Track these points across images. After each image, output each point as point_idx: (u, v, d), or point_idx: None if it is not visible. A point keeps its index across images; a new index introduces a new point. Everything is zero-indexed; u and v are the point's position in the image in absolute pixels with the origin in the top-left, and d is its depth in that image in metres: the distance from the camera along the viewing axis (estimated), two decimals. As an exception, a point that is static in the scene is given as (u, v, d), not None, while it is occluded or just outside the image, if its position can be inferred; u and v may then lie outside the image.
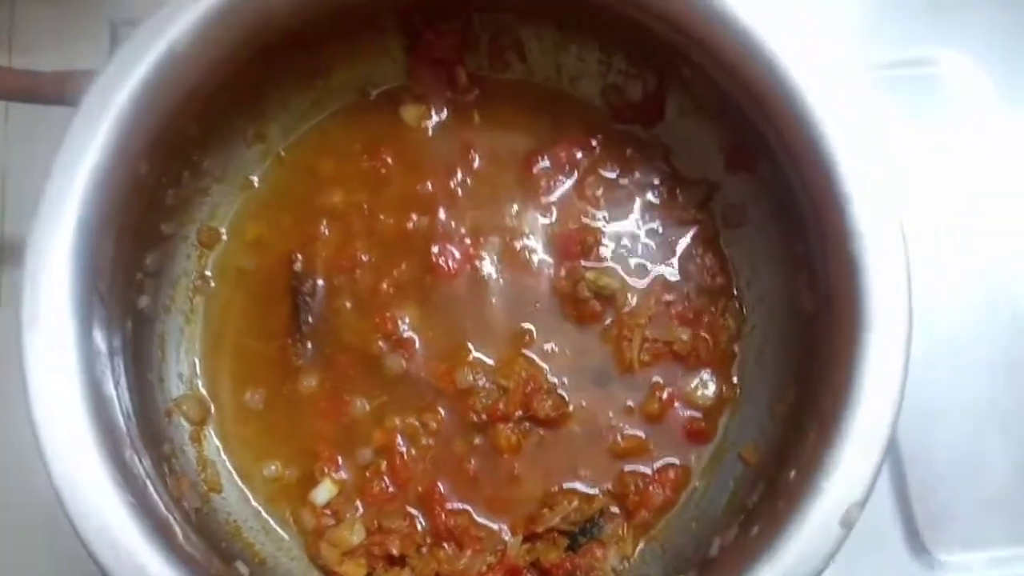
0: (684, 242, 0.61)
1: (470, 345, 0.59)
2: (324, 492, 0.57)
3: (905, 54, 0.69)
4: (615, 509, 0.57)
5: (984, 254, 0.66)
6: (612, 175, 0.62)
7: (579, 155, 0.62)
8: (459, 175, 0.62)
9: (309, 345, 0.60)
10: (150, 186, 0.54)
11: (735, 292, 0.60)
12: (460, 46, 0.61)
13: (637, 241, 0.61)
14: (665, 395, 0.58)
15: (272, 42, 0.54)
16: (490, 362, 0.59)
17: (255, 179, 0.62)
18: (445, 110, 0.63)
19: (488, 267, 0.60)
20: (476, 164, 0.62)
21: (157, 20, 0.50)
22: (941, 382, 0.63)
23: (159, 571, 0.44)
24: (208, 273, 0.61)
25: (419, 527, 0.57)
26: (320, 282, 0.60)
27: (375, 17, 0.59)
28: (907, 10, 0.70)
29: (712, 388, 0.59)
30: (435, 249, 0.60)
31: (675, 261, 0.60)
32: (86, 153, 0.48)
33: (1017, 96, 0.68)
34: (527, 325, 0.59)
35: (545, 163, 0.62)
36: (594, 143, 0.62)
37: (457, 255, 0.60)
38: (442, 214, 0.61)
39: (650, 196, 0.61)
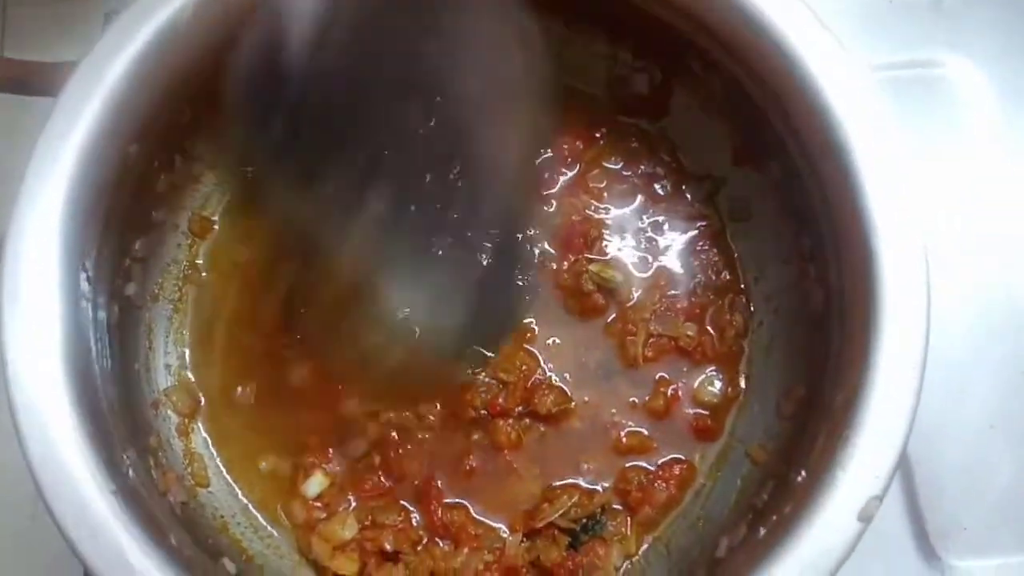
0: (689, 236, 0.59)
1: (469, 338, 0.57)
2: (315, 484, 0.55)
3: (907, 56, 0.68)
4: (617, 506, 0.55)
5: (988, 258, 0.65)
6: (616, 167, 0.60)
7: (581, 147, 0.60)
8: (459, 166, 0.60)
9: (300, 337, 0.58)
10: (140, 169, 0.52)
11: (742, 287, 0.59)
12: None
13: (641, 235, 0.59)
14: (670, 391, 0.57)
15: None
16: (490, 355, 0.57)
17: (249, 169, 0.61)
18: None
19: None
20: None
21: (153, -4, 0.48)
22: (949, 387, 0.61)
23: (139, 561, 0.42)
24: (199, 262, 0.59)
25: (414, 523, 0.55)
26: (316, 272, 0.59)
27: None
28: (909, 12, 0.70)
29: (718, 385, 0.57)
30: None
31: (680, 256, 0.59)
32: (75, 127, 0.47)
33: (1018, 98, 0.67)
34: (528, 319, 0.58)
35: (547, 154, 0.60)
36: (598, 135, 0.60)
37: (456, 245, 0.58)
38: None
39: (655, 189, 0.60)
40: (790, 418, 0.53)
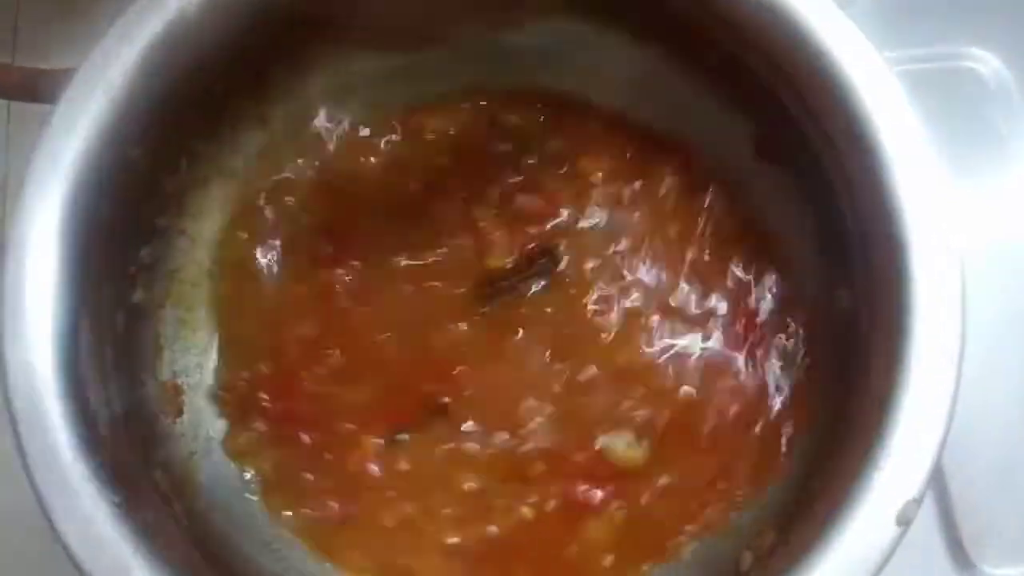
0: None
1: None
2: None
3: (928, 50, 0.67)
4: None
5: (1017, 258, 0.64)
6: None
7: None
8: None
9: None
10: (144, 173, 0.50)
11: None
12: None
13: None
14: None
15: (285, 19, 0.51)
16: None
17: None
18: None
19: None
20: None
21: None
22: (982, 390, 0.59)
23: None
24: (208, 268, 0.58)
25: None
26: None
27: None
28: (932, 6, 0.68)
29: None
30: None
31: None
32: (75, 131, 0.45)
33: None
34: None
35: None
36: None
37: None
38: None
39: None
40: (822, 421, 0.52)
